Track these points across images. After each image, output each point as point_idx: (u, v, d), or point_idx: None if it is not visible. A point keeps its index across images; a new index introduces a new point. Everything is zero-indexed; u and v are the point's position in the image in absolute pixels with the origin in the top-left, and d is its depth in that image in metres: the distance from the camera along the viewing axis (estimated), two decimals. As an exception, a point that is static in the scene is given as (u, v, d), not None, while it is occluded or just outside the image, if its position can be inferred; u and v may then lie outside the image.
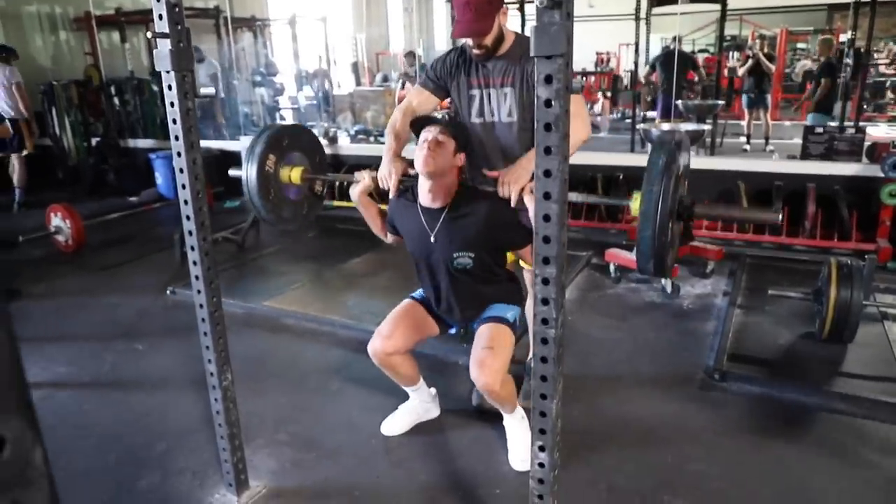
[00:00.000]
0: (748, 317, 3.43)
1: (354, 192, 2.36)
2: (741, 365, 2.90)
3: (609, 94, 11.54)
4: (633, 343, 3.22)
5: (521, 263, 2.44)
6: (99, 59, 8.42)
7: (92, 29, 8.32)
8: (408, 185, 2.27)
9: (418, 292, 2.44)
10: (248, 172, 2.48)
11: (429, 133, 2.08)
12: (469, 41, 2.21)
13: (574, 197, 2.26)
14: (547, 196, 1.24)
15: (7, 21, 8.20)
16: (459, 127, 2.18)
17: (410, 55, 9.24)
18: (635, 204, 1.87)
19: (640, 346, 3.19)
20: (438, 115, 2.11)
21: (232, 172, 2.66)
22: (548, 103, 1.20)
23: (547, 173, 1.23)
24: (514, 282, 2.36)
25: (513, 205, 2.07)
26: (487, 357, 2.08)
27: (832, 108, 7.27)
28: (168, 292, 4.02)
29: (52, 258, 4.89)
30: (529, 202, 2.00)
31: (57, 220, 4.93)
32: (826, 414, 2.52)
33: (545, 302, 1.31)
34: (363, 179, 2.34)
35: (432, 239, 2.17)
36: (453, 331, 2.46)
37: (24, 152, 6.49)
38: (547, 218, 1.25)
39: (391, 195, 2.30)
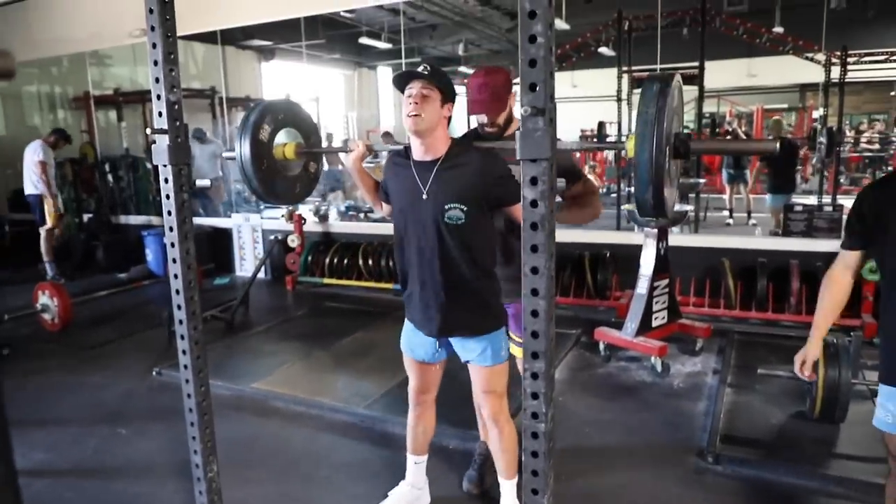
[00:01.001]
0: (739, 396, 3.42)
1: (349, 159, 2.29)
2: (734, 447, 2.87)
3: (598, 170, 11.85)
4: (625, 424, 3.19)
5: (514, 352, 2.38)
6: (95, 136, 8.60)
7: (90, 108, 8.53)
8: (401, 147, 2.23)
9: (402, 342, 2.34)
10: (241, 143, 2.40)
11: (412, 88, 2.02)
12: (483, 118, 2.34)
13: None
14: (535, 292, 1.27)
15: (7, 100, 8.42)
16: (442, 75, 2.07)
17: (387, 135, 9.59)
18: (630, 143, 1.81)
19: (632, 427, 3.16)
20: (419, 67, 2.06)
21: (226, 154, 2.61)
22: (533, 203, 1.24)
23: (534, 270, 1.26)
24: (496, 281, 2.23)
25: None
26: (489, 399, 2.23)
27: (790, 187, 7.19)
28: (154, 373, 3.96)
29: (38, 337, 4.83)
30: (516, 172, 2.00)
31: (44, 299, 4.90)
32: (822, 498, 2.49)
33: (535, 396, 1.32)
34: (357, 147, 2.28)
35: (424, 196, 2.08)
36: (435, 361, 2.32)
37: (46, 227, 6.60)
38: (535, 314, 1.27)
39: (385, 163, 2.30)
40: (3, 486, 0.33)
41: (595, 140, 15.35)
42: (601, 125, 9.07)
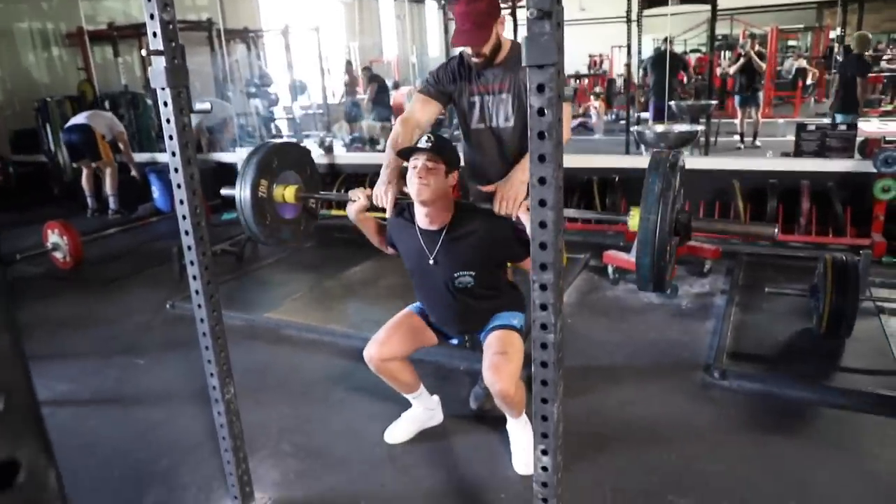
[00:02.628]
0: (746, 315, 3.45)
1: (352, 211, 2.34)
2: (740, 363, 2.92)
3: (603, 95, 11.59)
4: (634, 344, 3.23)
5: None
6: (92, 74, 8.44)
7: (84, 44, 8.35)
8: (404, 204, 2.26)
9: (417, 304, 2.45)
10: (242, 200, 2.45)
11: (418, 161, 2.06)
12: (468, 49, 2.26)
13: (571, 213, 2.26)
14: (542, 203, 1.25)
15: (-1, 37, 8.23)
16: (447, 146, 2.11)
17: (367, 69, 9.55)
18: (633, 221, 1.87)
19: (640, 346, 3.20)
20: (423, 141, 2.08)
21: (224, 192, 2.64)
22: (540, 112, 1.21)
23: (542, 181, 1.24)
24: (516, 290, 2.38)
25: (514, 218, 2.08)
26: (501, 362, 2.10)
27: (857, 105, 6.67)
28: (168, 306, 4.03)
29: (51, 275, 4.89)
30: (525, 219, 1.99)
31: (54, 237, 4.94)
32: (825, 409, 2.54)
33: (543, 307, 1.33)
34: (359, 199, 2.31)
35: (431, 261, 2.19)
36: (455, 341, 2.48)
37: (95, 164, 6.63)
38: (543, 224, 1.27)
39: (388, 214, 2.31)
40: (25, 414, 0.34)
41: (599, 67, 14.95)
42: (611, 82, 8.81)
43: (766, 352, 3.07)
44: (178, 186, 1.78)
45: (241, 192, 2.45)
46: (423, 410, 2.52)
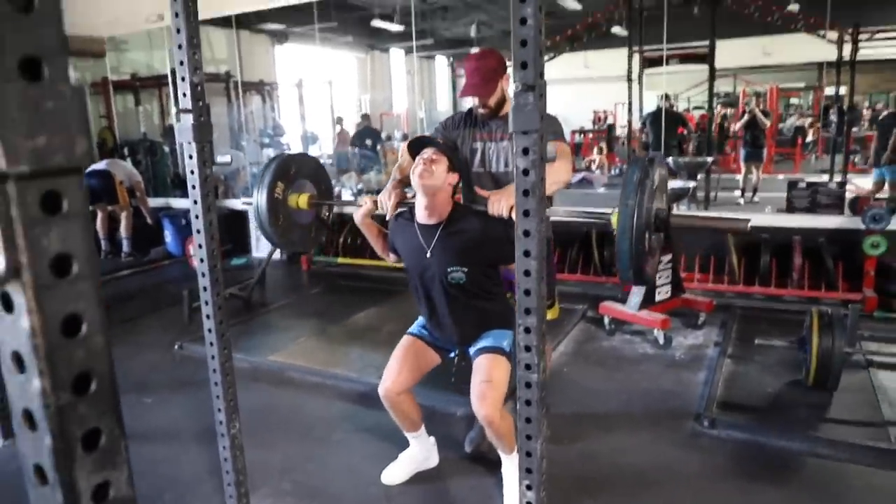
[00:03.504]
0: (738, 366, 3.54)
1: (358, 214, 2.51)
2: (730, 412, 2.99)
3: (606, 151, 11.87)
4: (627, 392, 3.31)
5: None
6: (114, 121, 8.78)
7: (108, 93, 8.71)
8: (405, 206, 2.44)
9: (415, 326, 2.54)
10: (258, 200, 2.62)
11: (425, 153, 2.27)
12: (476, 101, 2.49)
13: (560, 213, 2.40)
14: (527, 254, 1.39)
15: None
16: (452, 149, 2.33)
17: (365, 117, 9.87)
18: (615, 218, 2.00)
19: (633, 395, 3.28)
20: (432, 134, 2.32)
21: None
22: (525, 172, 1.36)
23: (526, 233, 1.38)
24: (507, 304, 2.43)
25: (505, 217, 2.20)
26: (487, 389, 2.21)
27: None
28: (176, 347, 4.14)
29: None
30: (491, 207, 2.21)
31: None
32: (812, 459, 2.61)
33: (528, 349, 1.45)
34: (365, 203, 2.49)
35: (428, 255, 2.30)
36: (452, 354, 2.54)
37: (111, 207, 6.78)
38: (527, 273, 1.40)
39: (388, 216, 2.47)
40: (108, 396, 0.46)
41: (606, 124, 15.31)
42: (611, 127, 9.12)
43: (755, 402, 3.14)
44: (199, 231, 1.93)
45: (258, 192, 2.59)
46: (420, 451, 2.60)
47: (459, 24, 14.17)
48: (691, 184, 4.18)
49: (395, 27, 12.51)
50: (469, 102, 2.61)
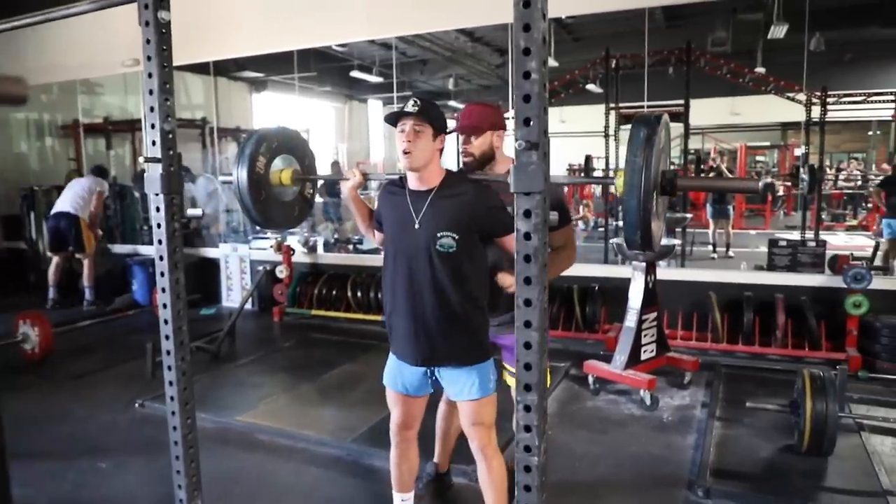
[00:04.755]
0: (728, 429, 3.42)
1: (345, 187, 2.36)
2: (724, 481, 2.85)
3: (591, 206, 11.96)
4: (615, 457, 3.17)
5: (509, 382, 2.41)
6: (83, 164, 8.56)
7: (78, 136, 8.52)
8: (396, 177, 2.27)
9: (385, 377, 2.32)
10: (238, 175, 2.43)
11: (405, 125, 2.05)
12: (461, 146, 2.37)
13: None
14: (528, 324, 1.27)
15: (-6, 127, 8.39)
16: (433, 109, 2.09)
17: (335, 164, 9.85)
18: (619, 180, 1.85)
19: (622, 460, 3.13)
20: (409, 105, 2.08)
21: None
22: (527, 236, 1.26)
23: (527, 302, 1.27)
24: (484, 321, 2.23)
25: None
26: (478, 432, 2.21)
27: None
28: (137, 405, 3.89)
29: (18, 367, 4.73)
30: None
31: (25, 328, 4.82)
32: (813, 534, 2.48)
33: (528, 429, 1.31)
34: (354, 175, 2.33)
35: (416, 225, 2.10)
36: (423, 393, 2.33)
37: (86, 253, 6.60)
38: (528, 346, 1.28)
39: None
40: None
41: (582, 174, 15.57)
42: (588, 158, 9.22)
43: (748, 469, 3.01)
44: (163, 290, 1.78)
45: (238, 166, 2.41)
46: (405, 524, 2.42)
47: (438, 77, 14.38)
48: (675, 241, 4.13)
49: (374, 78, 12.62)
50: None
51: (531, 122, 1.25)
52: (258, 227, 9.74)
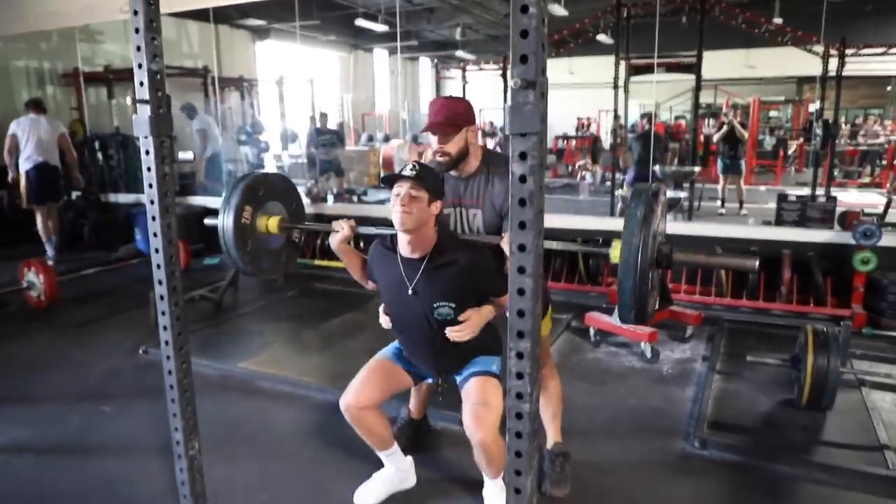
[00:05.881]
0: (727, 383, 3.42)
1: (334, 240, 2.34)
2: (721, 433, 2.87)
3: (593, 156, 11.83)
4: (614, 409, 3.18)
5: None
6: (84, 114, 8.47)
7: (79, 85, 8.40)
8: (387, 234, 2.27)
9: (389, 349, 2.41)
10: (224, 224, 2.43)
11: (401, 188, 2.05)
12: (434, 144, 2.26)
13: (554, 245, 2.25)
14: (521, 270, 1.24)
15: (-6, 74, 8.28)
16: (430, 174, 2.10)
17: (324, 116, 9.75)
18: (615, 252, 1.86)
19: (620, 412, 3.15)
20: (407, 169, 2.09)
21: (208, 221, 2.62)
22: (522, 179, 1.21)
23: (521, 248, 1.23)
24: (494, 331, 2.31)
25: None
26: (483, 412, 2.09)
27: None
28: (141, 351, 3.93)
29: (23, 314, 4.78)
30: (507, 248, 2.00)
31: (30, 276, 4.84)
32: (807, 484, 2.49)
33: (520, 376, 1.29)
34: (342, 229, 2.32)
35: (410, 291, 2.14)
36: (430, 380, 2.43)
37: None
38: (521, 292, 1.25)
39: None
40: None
41: (586, 129, 15.33)
42: (596, 139, 8.97)
43: (747, 422, 3.02)
44: (155, 235, 1.75)
45: (224, 216, 2.42)
46: (396, 471, 2.44)
47: (445, 26, 14.05)
48: (681, 194, 4.05)
49: (380, 27, 12.33)
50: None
51: (528, 60, 1.18)
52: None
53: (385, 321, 2.31)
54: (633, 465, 2.65)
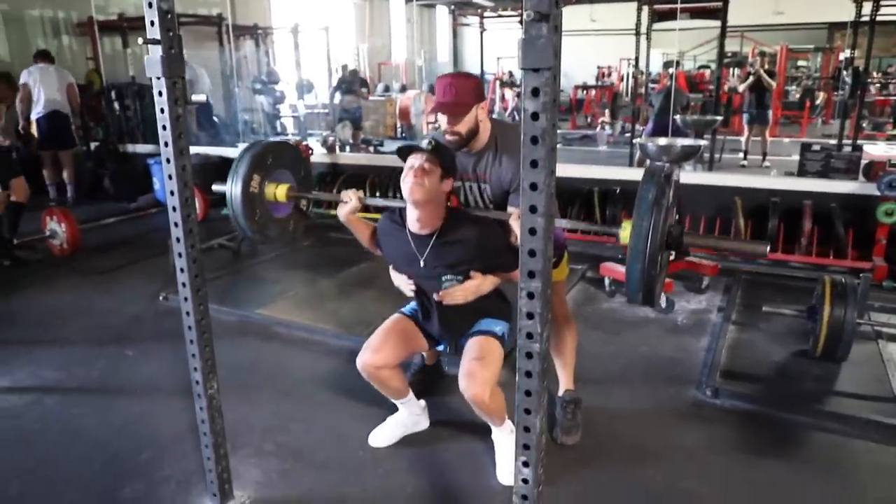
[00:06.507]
0: (742, 333, 3.42)
1: (342, 212, 2.34)
2: (734, 382, 2.88)
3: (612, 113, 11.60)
4: (627, 358, 3.20)
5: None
6: (100, 63, 8.44)
7: (94, 34, 8.35)
8: (396, 208, 2.29)
9: (408, 307, 2.43)
10: (232, 193, 2.43)
11: (415, 160, 2.05)
12: (444, 124, 2.21)
13: (564, 223, 2.24)
14: (533, 209, 1.23)
15: (9, 24, 8.23)
16: (445, 151, 2.11)
17: (345, 68, 9.58)
18: (624, 233, 1.85)
19: (633, 360, 3.17)
20: (424, 143, 2.09)
21: (216, 188, 2.61)
22: (534, 116, 1.19)
23: (533, 186, 1.22)
24: (503, 298, 2.36)
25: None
26: (476, 367, 2.09)
27: None
28: (161, 298, 4.01)
29: (47, 262, 4.87)
30: (515, 226, 1.98)
31: (52, 224, 4.92)
32: (818, 433, 2.50)
33: (530, 316, 1.30)
34: (350, 200, 2.30)
35: (421, 263, 2.18)
36: (441, 347, 2.47)
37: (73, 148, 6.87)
38: (533, 231, 1.24)
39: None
40: None
41: (607, 78, 14.95)
42: (615, 96, 8.74)
43: (760, 372, 3.03)
44: (170, 177, 1.75)
45: (232, 185, 2.43)
46: (409, 415, 2.49)
47: (462, -28, 13.65)
48: (701, 142, 3.95)
49: (396, -28, 12.02)
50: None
51: (542, -10, 1.14)
52: (278, 130, 9.68)
53: (403, 283, 2.30)
54: (644, 413, 2.67)
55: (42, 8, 8.59)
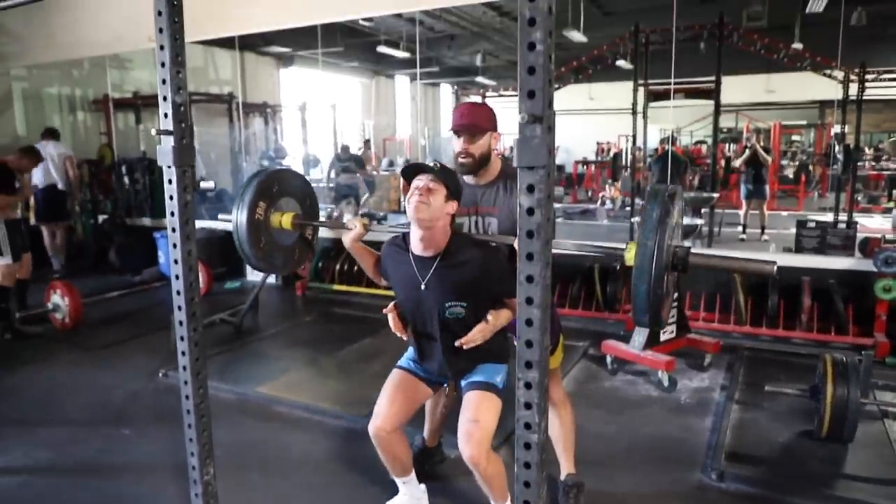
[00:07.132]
0: (746, 413, 3.37)
1: (347, 238, 2.36)
2: (739, 464, 2.82)
3: (618, 184, 11.81)
4: (630, 438, 3.15)
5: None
6: (113, 139, 8.70)
7: (109, 110, 8.65)
8: (399, 233, 2.29)
9: (404, 359, 2.41)
10: (237, 220, 2.45)
11: (420, 181, 2.09)
12: (458, 147, 2.30)
13: (567, 245, 2.23)
14: (529, 301, 1.25)
15: (28, 101, 8.54)
16: (450, 174, 2.14)
17: (345, 149, 9.88)
18: (629, 254, 1.85)
19: (636, 442, 3.12)
20: (430, 163, 2.14)
21: (222, 216, 2.64)
22: (530, 211, 1.23)
23: (529, 279, 1.25)
24: (504, 338, 2.30)
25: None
26: (474, 429, 2.10)
27: None
28: (160, 375, 3.99)
29: (49, 336, 4.87)
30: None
31: (56, 298, 4.95)
32: (828, 520, 2.44)
33: (528, 406, 1.30)
34: (355, 227, 2.33)
35: (422, 287, 2.16)
36: (444, 384, 2.44)
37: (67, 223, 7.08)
38: (529, 322, 1.26)
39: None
40: None
41: (606, 154, 15.32)
42: (616, 156, 9.06)
43: (765, 454, 2.97)
44: (175, 262, 1.80)
45: (238, 211, 2.44)
46: (410, 499, 2.44)
47: (465, 52, 14.21)
48: (698, 221, 4.03)
49: (401, 54, 12.53)
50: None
51: (535, 95, 1.21)
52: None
53: (394, 322, 2.30)
54: (648, 497, 2.62)
55: (60, 86, 8.94)
